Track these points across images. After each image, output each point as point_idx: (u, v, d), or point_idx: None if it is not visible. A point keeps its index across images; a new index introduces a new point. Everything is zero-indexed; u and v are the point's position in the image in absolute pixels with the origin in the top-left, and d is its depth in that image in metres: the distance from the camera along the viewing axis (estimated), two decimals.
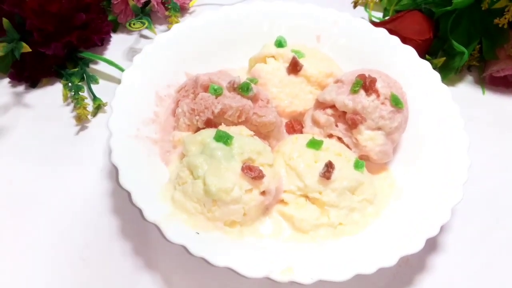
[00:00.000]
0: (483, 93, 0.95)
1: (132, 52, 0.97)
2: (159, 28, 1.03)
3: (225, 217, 0.63)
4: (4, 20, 0.77)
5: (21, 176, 0.77)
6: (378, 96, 0.72)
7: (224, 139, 0.66)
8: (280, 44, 0.84)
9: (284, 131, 0.81)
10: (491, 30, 0.92)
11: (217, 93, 0.71)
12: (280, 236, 0.65)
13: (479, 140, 0.85)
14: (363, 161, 0.70)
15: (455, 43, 0.92)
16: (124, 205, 0.73)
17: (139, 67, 0.79)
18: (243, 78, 0.85)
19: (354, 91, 0.72)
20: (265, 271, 0.57)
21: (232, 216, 0.63)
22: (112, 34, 0.99)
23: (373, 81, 0.72)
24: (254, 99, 0.74)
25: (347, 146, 0.74)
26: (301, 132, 0.79)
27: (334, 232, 0.65)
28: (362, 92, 0.72)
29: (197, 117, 0.72)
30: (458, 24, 0.94)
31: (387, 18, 1.05)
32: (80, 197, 0.75)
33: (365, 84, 0.71)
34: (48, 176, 0.77)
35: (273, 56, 0.83)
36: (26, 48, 0.77)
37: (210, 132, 0.68)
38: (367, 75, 0.73)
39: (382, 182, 0.73)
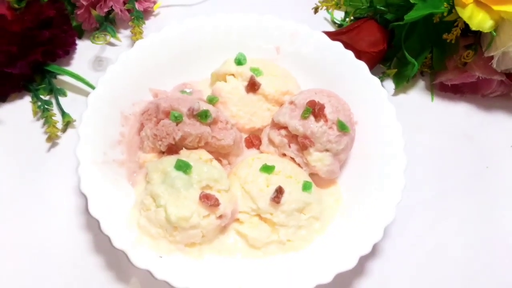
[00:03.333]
0: (432, 100, 1.02)
1: (98, 61, 1.00)
2: (124, 33, 1.05)
3: (185, 240, 0.71)
4: None
5: None
6: (326, 121, 0.78)
7: (183, 168, 0.72)
8: (239, 62, 0.88)
9: (244, 146, 0.88)
10: (441, 41, 0.97)
11: (178, 120, 0.77)
12: (236, 253, 0.74)
13: (423, 149, 0.94)
14: (311, 183, 0.77)
15: (407, 54, 0.97)
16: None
17: (104, 88, 0.82)
18: (204, 94, 0.90)
19: (304, 117, 0.78)
20: None
21: (192, 239, 0.71)
22: (77, 41, 1.01)
23: (321, 108, 0.78)
24: (214, 122, 0.79)
25: (299, 165, 0.81)
26: (259, 148, 0.86)
27: (283, 248, 0.74)
28: (311, 118, 0.78)
29: (159, 142, 0.78)
30: (412, 34, 0.99)
31: (347, 20, 1.09)
32: (55, 215, 0.81)
33: (314, 110, 0.78)
34: (22, 195, 0.82)
35: (232, 74, 0.88)
36: None
37: (171, 160, 0.74)
38: (317, 101, 0.79)
39: (329, 197, 0.81)
